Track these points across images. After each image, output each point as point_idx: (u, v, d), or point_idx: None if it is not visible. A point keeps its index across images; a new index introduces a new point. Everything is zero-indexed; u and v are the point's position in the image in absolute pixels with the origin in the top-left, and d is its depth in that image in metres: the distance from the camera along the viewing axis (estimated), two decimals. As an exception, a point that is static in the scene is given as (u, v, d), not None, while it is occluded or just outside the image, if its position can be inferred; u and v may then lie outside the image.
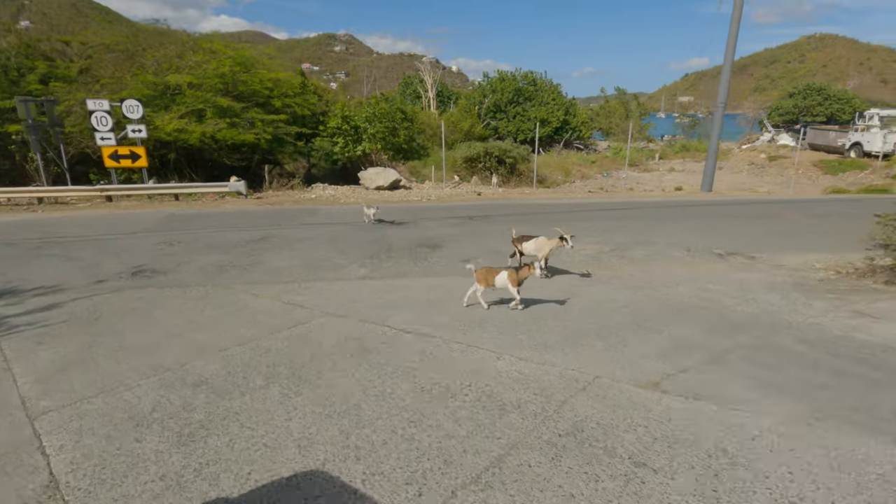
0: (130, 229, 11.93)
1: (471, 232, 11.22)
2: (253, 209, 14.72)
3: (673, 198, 18.11)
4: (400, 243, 10.18)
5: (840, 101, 61.87)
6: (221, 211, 14.48)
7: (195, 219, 13.29)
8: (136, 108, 16.10)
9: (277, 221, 12.70)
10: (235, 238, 10.77)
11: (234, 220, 13.04)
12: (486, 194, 17.99)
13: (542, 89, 46.52)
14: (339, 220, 12.94)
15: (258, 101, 20.25)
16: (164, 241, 10.60)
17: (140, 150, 16.42)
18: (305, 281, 7.72)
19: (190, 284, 7.63)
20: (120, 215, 14.06)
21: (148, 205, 15.70)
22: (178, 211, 14.55)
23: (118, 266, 8.75)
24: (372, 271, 8.25)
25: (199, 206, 15.44)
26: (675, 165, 42.13)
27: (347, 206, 15.37)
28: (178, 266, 8.69)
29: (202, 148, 19.13)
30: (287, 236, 10.89)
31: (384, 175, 18.03)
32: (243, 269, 8.44)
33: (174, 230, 11.79)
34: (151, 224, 12.58)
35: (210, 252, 9.62)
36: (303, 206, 15.39)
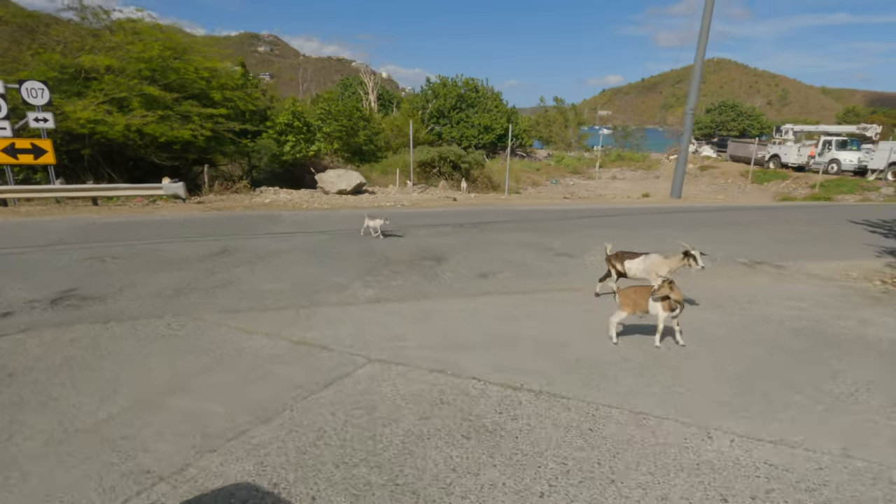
0: (40, 241, 9.34)
1: (472, 241, 9.91)
2: (198, 216, 12.39)
3: (651, 204, 17.93)
4: (397, 255, 8.64)
5: (750, 118, 68.13)
6: (158, 218, 12.02)
7: (126, 228, 10.81)
8: (41, 91, 13.14)
9: (235, 230, 10.61)
10: (188, 252, 8.66)
11: (179, 229, 10.75)
12: (461, 200, 16.75)
13: (484, 96, 46.54)
14: (310, 227, 11.08)
15: (192, 92, 17.63)
16: (91, 257, 8.26)
17: (45, 143, 13.42)
18: (303, 307, 6.01)
19: (142, 315, 5.65)
20: (22, 223, 11.19)
21: (57, 210, 12.79)
22: (100, 218, 11.88)
23: (30, 291, 6.47)
24: (381, 291, 6.69)
25: (127, 212, 12.80)
26: (615, 174, 43.53)
27: (313, 211, 13.44)
28: (120, 290, 6.59)
29: (124, 144, 16.23)
30: (255, 249, 8.94)
31: (346, 178, 16.23)
32: (210, 293, 6.52)
33: (101, 242, 9.37)
34: (68, 234, 10.00)
35: (159, 270, 7.52)
36: (257, 211, 13.25)
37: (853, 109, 75.59)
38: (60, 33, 16.22)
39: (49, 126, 13.35)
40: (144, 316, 5.68)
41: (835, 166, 34.31)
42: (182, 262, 8.05)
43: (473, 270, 7.77)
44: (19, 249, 8.75)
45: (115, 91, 15.61)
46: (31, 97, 13.07)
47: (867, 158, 31.80)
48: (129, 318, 5.59)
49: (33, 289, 6.61)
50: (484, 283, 7.12)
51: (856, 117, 72.57)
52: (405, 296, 6.53)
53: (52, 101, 13.31)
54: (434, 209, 14.44)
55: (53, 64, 14.96)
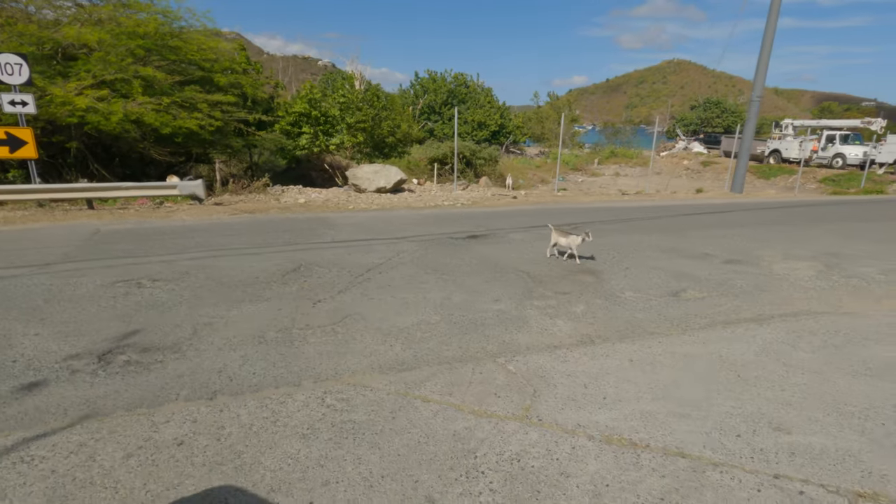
0: (38, 258, 6.94)
1: (602, 247, 8.06)
2: (228, 220, 10.05)
3: (727, 200, 16.42)
4: (535, 268, 6.70)
5: (734, 115, 68.89)
6: (179, 224, 9.64)
7: (145, 237, 8.44)
8: (19, 67, 10.50)
9: (291, 239, 8.41)
10: (253, 269, 6.47)
11: (215, 237, 8.46)
12: (520, 198, 14.76)
13: (476, 92, 45.06)
14: (381, 233, 8.97)
15: (193, 76, 15.10)
16: (121, 280, 5.99)
17: (25, 132, 10.77)
18: (495, 355, 4.03)
19: (263, 382, 3.58)
20: (4, 234, 8.64)
21: (44, 216, 10.19)
22: (104, 225, 9.41)
23: (56, 338, 4.27)
24: (577, 324, 4.76)
25: (135, 216, 10.32)
26: (617, 170, 42.64)
27: (364, 212, 11.22)
28: (195, 333, 4.44)
29: (116, 137, 13.60)
30: (339, 263, 6.82)
31: (385, 174, 14.08)
32: (337, 334, 4.45)
33: (123, 257, 7.05)
34: (73, 248, 7.60)
35: (231, 297, 5.35)
36: (297, 214, 10.98)
37: (828, 107, 77.84)
38: (33, 2, 13.44)
39: (29, 111, 10.71)
40: (267, 383, 3.58)
41: (840, 160, 34.19)
42: (254, 283, 5.88)
43: (653, 287, 5.93)
44: (14, 271, 6.35)
45: (104, 72, 12.97)
46: (5, 74, 10.42)
47: (875, 152, 31.66)
48: (245, 389, 3.49)
49: (60, 335, 4.37)
50: (689, 307, 5.28)
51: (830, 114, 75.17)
52: (615, 331, 4.62)
53: (32, 79, 10.67)
54: (500, 208, 12.49)
55: (28, 37, 12.24)
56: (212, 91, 15.23)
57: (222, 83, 15.57)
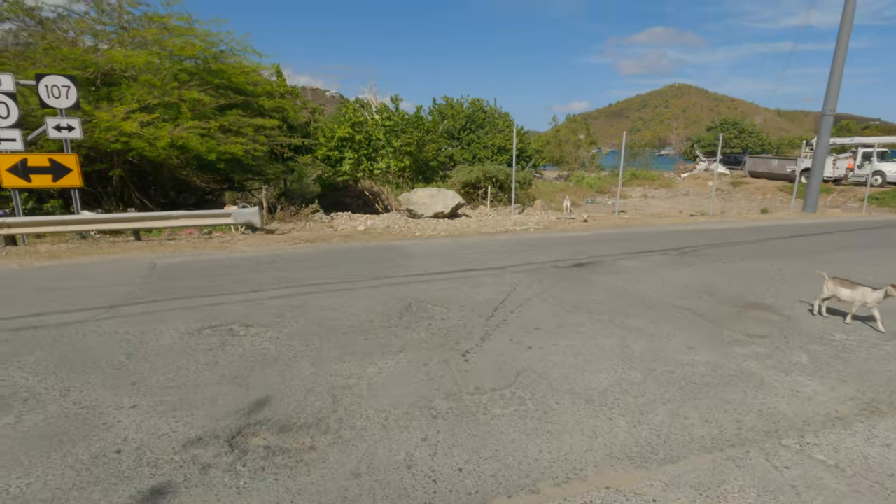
0: (96, 298, 5.97)
1: (735, 274, 6.97)
2: (292, 251, 9.07)
3: (806, 220, 15.29)
4: (693, 304, 5.62)
5: (752, 135, 68.41)
6: (241, 256, 8.68)
7: (212, 272, 7.47)
8: (66, 90, 9.78)
9: (376, 272, 7.39)
10: (354, 309, 5.45)
11: (289, 271, 7.47)
12: (590, 222, 13.70)
13: (493, 116, 44.96)
14: (477, 263, 7.93)
15: (235, 100, 14.45)
16: (208, 326, 4.98)
17: (69, 159, 9.98)
18: (755, 441, 2.95)
19: (486, 488, 2.49)
20: (51, 270, 7.70)
21: (90, 249, 9.27)
22: (160, 258, 8.46)
23: (165, 416, 3.25)
24: (835, 385, 3.67)
25: (189, 248, 9.37)
26: (645, 192, 41.78)
27: (435, 240, 10.18)
28: (338, 403, 3.38)
29: (159, 164, 12.85)
30: (454, 300, 5.77)
31: (442, 198, 13.15)
32: (531, 404, 3.39)
33: (197, 297, 6.06)
34: (134, 287, 6.63)
35: (353, 348, 4.32)
36: (362, 242, 9.99)
37: (846, 126, 77.14)
38: (77, 26, 12.89)
39: (75, 136, 9.94)
40: (491, 488, 2.51)
41: (879, 178, 33.16)
42: (371, 329, 4.84)
43: (863, 327, 4.82)
44: (78, 315, 5.37)
45: (147, 96, 12.29)
46: (51, 98, 9.69)
47: (916, 169, 30.63)
48: (462, 497, 2.40)
49: (165, 407, 3.34)
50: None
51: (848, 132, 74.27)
52: (889, 391, 3.52)
53: (79, 103, 9.93)
54: (579, 233, 11.44)
55: (73, 60, 11.61)
56: (253, 115, 14.56)
57: (267, 107, 14.91)
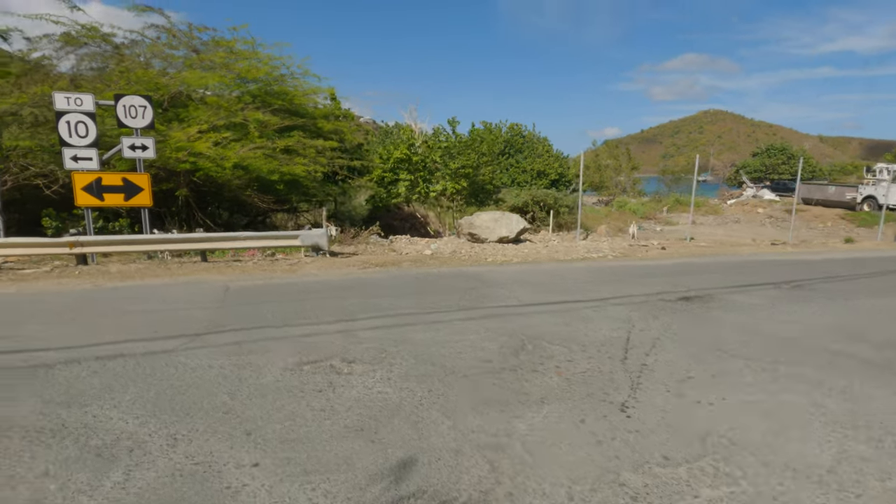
0: (176, 324, 5.59)
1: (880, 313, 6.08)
2: (364, 276, 8.63)
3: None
4: (864, 353, 4.82)
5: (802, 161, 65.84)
6: (317, 280, 8.29)
7: (289, 297, 7.07)
8: (143, 110, 9.80)
9: (465, 302, 6.82)
10: (463, 346, 4.87)
11: (371, 298, 6.99)
12: (669, 250, 12.90)
13: (532, 141, 44.59)
14: (570, 293, 7.27)
15: (296, 122, 14.43)
16: (305, 360, 4.48)
17: (142, 178, 9.93)
18: None
19: None
20: (124, 292, 7.46)
21: (158, 270, 9.07)
22: (232, 282, 8.15)
23: (298, 480, 2.66)
24: None
25: (259, 271, 9.06)
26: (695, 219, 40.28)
27: (510, 266, 9.59)
28: (500, 473, 2.75)
29: (221, 185, 12.82)
30: (569, 337, 5.13)
31: (506, 222, 12.62)
32: (744, 485, 2.68)
33: (279, 325, 5.62)
34: (213, 312, 6.26)
35: (483, 396, 3.74)
36: (432, 267, 9.49)
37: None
38: (149, 51, 13.17)
39: (149, 156, 9.91)
40: None
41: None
42: (494, 371, 4.24)
43: None
44: (163, 343, 4.97)
45: (213, 117, 12.34)
46: (128, 118, 9.72)
47: None
48: None
49: (293, 467, 2.79)
50: None
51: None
52: None
53: (154, 122, 9.93)
54: (661, 261, 10.64)
55: (146, 83, 11.77)
56: (313, 137, 14.49)
57: (326, 129, 14.85)
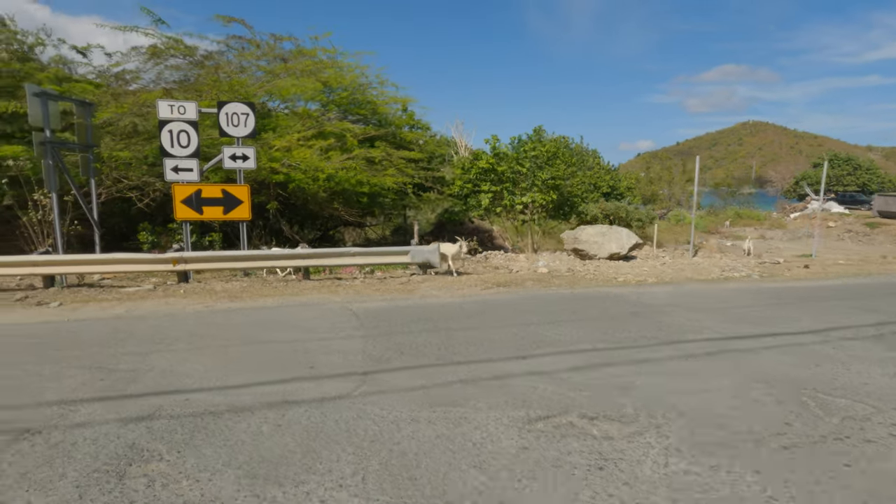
0: (333, 363, 4.72)
1: None
2: (491, 297, 7.64)
3: None
4: None
5: (869, 172, 61.93)
6: (439, 302, 7.37)
7: (428, 323, 6.15)
8: (245, 117, 9.22)
9: (635, 333, 5.71)
10: (723, 400, 3.80)
11: (520, 326, 5.99)
12: (816, 269, 11.42)
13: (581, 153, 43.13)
14: (762, 325, 6.09)
15: (379, 132, 13.78)
16: (536, 416, 3.50)
17: (242, 190, 9.31)
18: None
19: None
20: (248, 317, 6.71)
21: (264, 289, 8.34)
22: (349, 302, 7.31)
23: None
24: None
25: (374, 291, 8.20)
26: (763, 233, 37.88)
27: (657, 287, 8.39)
28: None
29: (307, 198, 12.19)
30: (853, 392, 3.97)
31: (615, 237, 11.49)
32: None
33: (449, 363, 4.69)
34: (358, 342, 5.38)
35: (844, 484, 2.58)
36: (559, 288, 8.41)
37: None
38: (240, 58, 12.80)
39: (249, 166, 9.31)
40: None
41: None
42: (825, 443, 3.12)
43: None
44: (326, 381, 4.09)
45: (301, 128, 11.78)
46: (230, 126, 9.16)
47: None
48: None
49: None
50: None
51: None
52: None
53: (256, 131, 9.34)
54: (820, 282, 9.25)
55: (237, 91, 11.31)
56: (396, 147, 13.81)
57: (409, 139, 14.16)
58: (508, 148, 15.23)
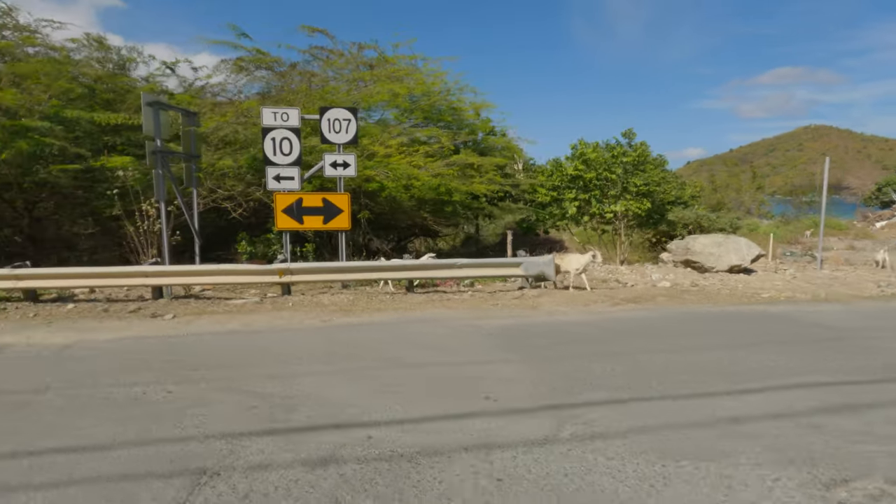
0: (525, 393, 4.00)
1: None
2: (628, 315, 6.79)
3: None
4: None
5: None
6: (568, 320, 6.61)
7: (579, 345, 5.38)
8: (347, 123, 8.86)
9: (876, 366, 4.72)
10: None
11: (715, 352, 5.12)
12: None
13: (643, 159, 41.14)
14: None
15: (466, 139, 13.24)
16: (834, 478, 2.61)
17: (342, 199, 8.92)
18: None
19: None
20: (370, 333, 6.18)
21: (371, 302, 7.83)
22: (475, 320, 6.65)
23: None
24: None
25: (489, 305, 7.54)
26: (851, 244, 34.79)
27: (818, 306, 7.31)
28: None
29: (395, 207, 11.76)
30: None
31: (734, 247, 10.37)
32: None
33: (651, 396, 3.87)
34: (523, 370, 4.68)
35: None
36: (699, 305, 7.46)
37: None
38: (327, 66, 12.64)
39: (349, 174, 8.92)
40: None
41: None
42: None
43: None
44: (516, 419, 3.38)
45: (385, 136, 11.39)
46: (332, 132, 8.81)
47: None
48: None
49: None
50: None
51: None
52: None
53: (357, 138, 8.95)
54: None
55: (327, 98, 11.07)
56: (480, 154, 13.22)
57: (489, 145, 13.57)
58: (603, 152, 14.33)
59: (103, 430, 3.45)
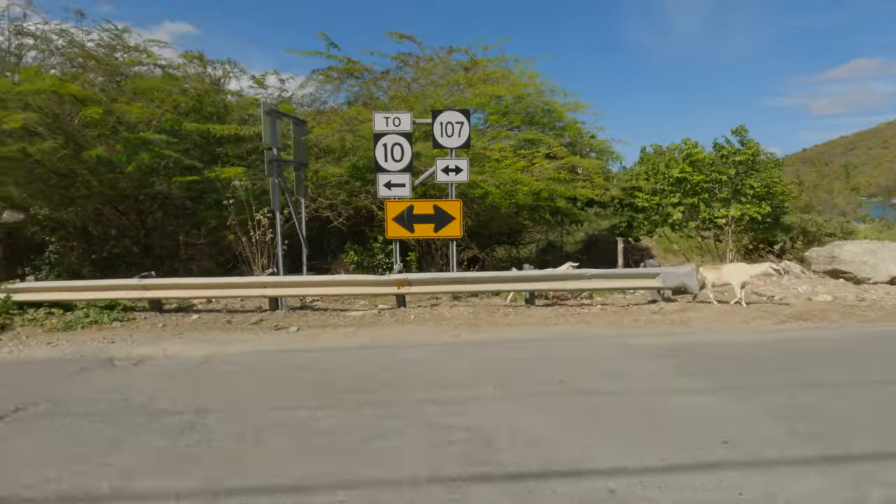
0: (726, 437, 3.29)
1: None
2: (796, 334, 5.87)
3: None
4: None
5: None
6: (747, 341, 5.78)
7: (785, 368, 4.58)
8: (460, 126, 8.45)
9: None
10: None
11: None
12: None
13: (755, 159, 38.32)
14: None
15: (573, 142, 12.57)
16: None
17: (454, 206, 8.51)
18: None
19: None
20: (514, 349, 5.67)
21: (494, 316, 7.31)
22: (619, 336, 5.98)
23: None
24: None
25: (627, 321, 6.83)
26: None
27: None
28: None
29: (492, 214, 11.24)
30: None
31: (892, 255, 9.06)
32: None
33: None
34: (736, 405, 3.96)
35: None
36: (879, 325, 6.41)
37: None
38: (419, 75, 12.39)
39: (461, 179, 8.50)
40: None
41: None
42: None
43: None
44: (749, 472, 2.66)
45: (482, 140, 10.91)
46: (444, 136, 8.43)
47: None
48: None
49: None
50: None
51: None
52: None
53: (470, 141, 8.53)
54: None
55: (429, 101, 10.77)
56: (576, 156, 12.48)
57: (588, 145, 12.81)
58: (714, 154, 13.20)
59: (299, 464, 3.09)
